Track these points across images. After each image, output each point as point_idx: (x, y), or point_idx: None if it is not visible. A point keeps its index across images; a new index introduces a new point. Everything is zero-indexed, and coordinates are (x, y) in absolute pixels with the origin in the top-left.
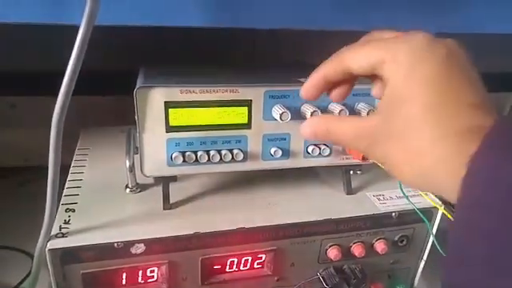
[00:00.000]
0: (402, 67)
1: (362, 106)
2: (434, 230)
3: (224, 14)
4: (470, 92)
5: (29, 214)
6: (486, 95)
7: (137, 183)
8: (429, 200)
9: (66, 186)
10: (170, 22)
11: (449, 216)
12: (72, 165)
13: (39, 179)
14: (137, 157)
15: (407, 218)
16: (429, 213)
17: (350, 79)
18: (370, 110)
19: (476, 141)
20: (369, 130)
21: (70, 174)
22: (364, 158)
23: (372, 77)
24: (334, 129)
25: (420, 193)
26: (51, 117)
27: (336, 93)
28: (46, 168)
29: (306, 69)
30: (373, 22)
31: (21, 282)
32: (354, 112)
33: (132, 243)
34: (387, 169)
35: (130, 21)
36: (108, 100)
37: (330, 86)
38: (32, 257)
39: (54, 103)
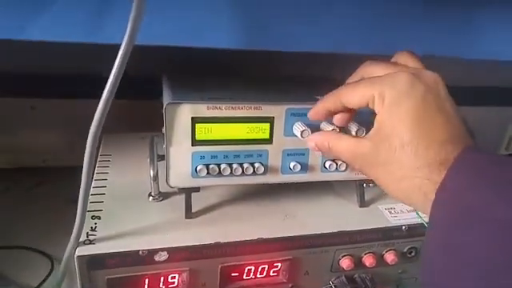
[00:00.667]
0: (386, 104)
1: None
2: None
3: (247, 37)
4: (442, 128)
5: (45, 214)
6: (460, 127)
7: (159, 192)
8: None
9: (91, 192)
10: (199, 43)
11: None
12: (95, 171)
13: (56, 180)
14: (160, 165)
15: (416, 230)
16: None
17: (349, 109)
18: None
19: (443, 172)
20: (362, 154)
21: (94, 181)
22: None
23: None
24: (333, 146)
25: None
26: (69, 119)
27: (337, 119)
28: (63, 169)
29: (325, 84)
30: (383, 46)
31: (42, 282)
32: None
33: (156, 251)
34: (379, 185)
35: (160, 41)
36: (122, 104)
37: (332, 114)
38: (49, 257)
39: (73, 106)
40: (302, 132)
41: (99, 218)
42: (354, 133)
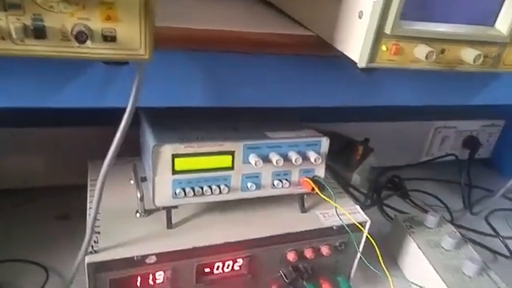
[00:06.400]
0: None
1: (311, 154)
2: (363, 240)
3: (218, 96)
4: None
5: (36, 229)
6: None
7: (145, 209)
8: (353, 220)
9: (89, 213)
10: (180, 103)
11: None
12: (89, 195)
13: (38, 199)
14: (145, 187)
15: (344, 229)
16: (354, 226)
17: None
18: (316, 157)
19: None
20: None
21: (88, 203)
22: (313, 189)
23: None
24: None
25: (347, 213)
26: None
27: None
28: (44, 189)
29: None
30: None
31: None
32: (305, 157)
33: (146, 256)
34: None
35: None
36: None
37: None
38: (44, 267)
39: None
40: (256, 162)
41: (99, 232)
42: (293, 160)
